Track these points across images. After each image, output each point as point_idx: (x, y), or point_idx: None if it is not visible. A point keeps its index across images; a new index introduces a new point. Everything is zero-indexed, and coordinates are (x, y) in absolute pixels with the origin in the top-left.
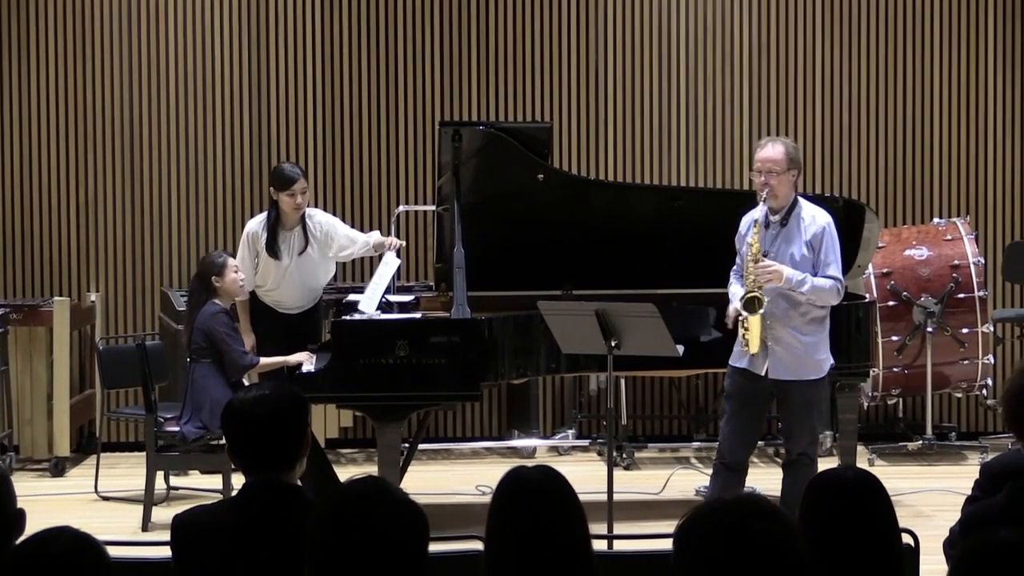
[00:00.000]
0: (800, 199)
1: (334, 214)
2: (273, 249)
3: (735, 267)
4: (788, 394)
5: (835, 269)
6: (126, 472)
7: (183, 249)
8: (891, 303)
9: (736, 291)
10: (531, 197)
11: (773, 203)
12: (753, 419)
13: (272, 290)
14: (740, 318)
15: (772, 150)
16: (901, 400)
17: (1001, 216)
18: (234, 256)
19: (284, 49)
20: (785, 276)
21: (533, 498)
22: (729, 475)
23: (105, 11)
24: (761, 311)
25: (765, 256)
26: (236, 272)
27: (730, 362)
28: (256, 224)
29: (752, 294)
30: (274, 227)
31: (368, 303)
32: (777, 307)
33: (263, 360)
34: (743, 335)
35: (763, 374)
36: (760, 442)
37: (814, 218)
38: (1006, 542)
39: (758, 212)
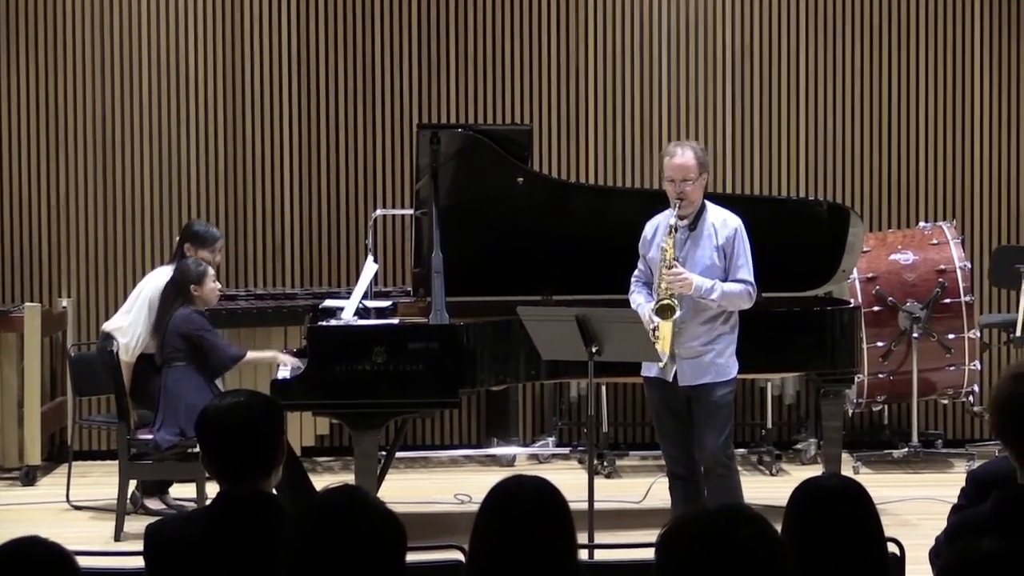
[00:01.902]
0: (707, 203)
1: (311, 218)
2: None
3: (636, 272)
4: (696, 400)
5: (746, 272)
6: (98, 481)
7: (156, 255)
8: (876, 308)
9: (639, 300)
10: (510, 200)
11: (688, 210)
12: (679, 426)
13: None
14: (652, 326)
15: (684, 157)
16: (886, 407)
17: (988, 219)
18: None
19: (259, 50)
20: (695, 285)
21: (525, 509)
22: (682, 484)
23: (77, 11)
24: (674, 317)
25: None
26: (214, 281)
27: (641, 373)
28: (164, 280)
29: (664, 301)
30: None
31: (348, 310)
32: (685, 314)
33: (250, 354)
34: (654, 344)
35: (672, 380)
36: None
37: (725, 222)
38: (989, 553)
39: (664, 217)
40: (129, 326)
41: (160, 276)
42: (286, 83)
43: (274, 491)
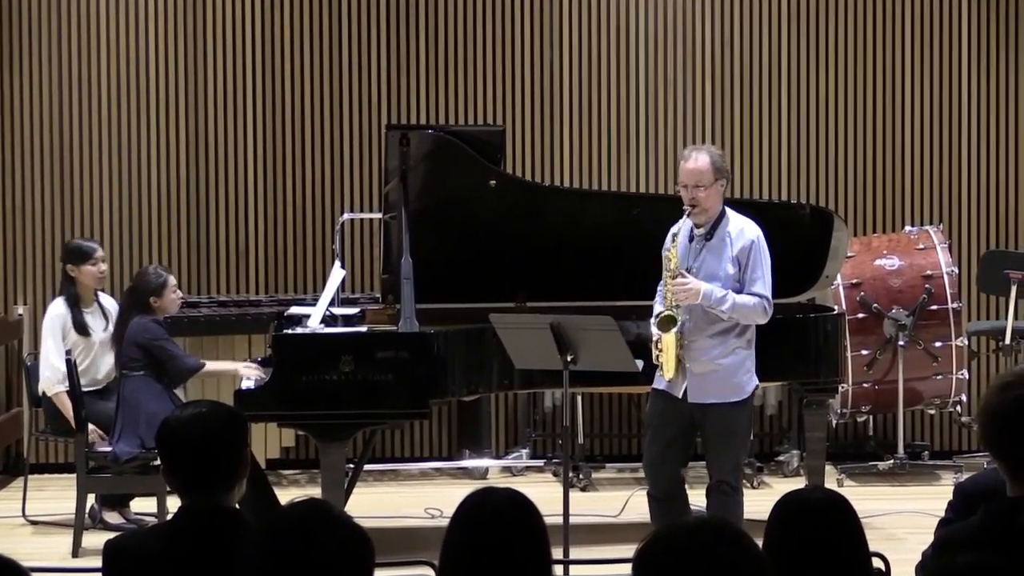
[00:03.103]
0: (728, 210)
1: (276, 223)
2: (83, 326)
3: (661, 283)
4: (708, 418)
5: (761, 286)
6: (55, 495)
7: (114, 261)
8: (861, 315)
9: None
10: (482, 204)
11: (701, 218)
12: (672, 445)
13: (85, 368)
14: (655, 339)
15: (697, 161)
16: (871, 417)
17: (975, 224)
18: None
19: (221, 51)
20: (703, 293)
21: (497, 523)
22: (659, 506)
23: (34, 15)
24: (675, 330)
25: (688, 272)
26: (175, 292)
27: (652, 385)
28: (62, 306)
29: (665, 312)
30: (76, 306)
31: (314, 317)
32: (695, 326)
33: (209, 365)
34: (657, 356)
35: (681, 396)
36: None
37: (742, 231)
38: (967, 566)
39: (681, 224)
40: (40, 362)
41: (53, 308)
42: (250, 84)
43: (237, 505)
